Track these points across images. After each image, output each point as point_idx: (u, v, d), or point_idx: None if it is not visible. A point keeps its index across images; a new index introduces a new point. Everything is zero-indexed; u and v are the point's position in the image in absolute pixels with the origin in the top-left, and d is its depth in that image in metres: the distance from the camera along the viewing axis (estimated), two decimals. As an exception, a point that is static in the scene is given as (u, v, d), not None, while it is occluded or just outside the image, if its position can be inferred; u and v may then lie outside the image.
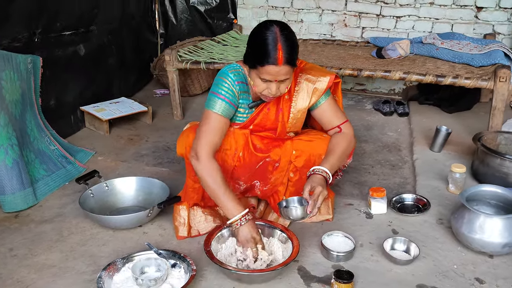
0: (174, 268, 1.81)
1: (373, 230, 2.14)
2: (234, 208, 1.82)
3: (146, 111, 3.45)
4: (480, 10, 3.92)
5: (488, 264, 1.90)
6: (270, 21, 1.79)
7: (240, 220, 1.80)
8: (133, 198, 2.35)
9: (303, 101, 1.98)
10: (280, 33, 1.72)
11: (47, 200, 2.39)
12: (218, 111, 1.88)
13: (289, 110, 2.00)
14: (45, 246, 2.01)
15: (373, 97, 4.22)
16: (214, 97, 1.90)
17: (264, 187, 2.11)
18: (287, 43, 1.72)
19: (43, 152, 2.59)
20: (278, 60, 1.71)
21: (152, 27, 4.43)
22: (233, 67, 1.94)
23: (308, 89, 1.96)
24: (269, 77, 1.76)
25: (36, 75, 2.70)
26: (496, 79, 2.73)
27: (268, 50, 1.70)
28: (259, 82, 1.81)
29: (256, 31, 1.79)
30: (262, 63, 1.73)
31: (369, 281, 1.80)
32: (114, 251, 1.97)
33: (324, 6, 4.22)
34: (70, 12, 3.05)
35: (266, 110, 2.00)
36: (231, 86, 1.89)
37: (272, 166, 2.06)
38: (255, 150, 2.03)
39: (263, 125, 2.04)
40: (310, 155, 2.02)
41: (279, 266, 1.73)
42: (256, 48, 1.76)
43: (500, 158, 2.35)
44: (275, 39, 1.71)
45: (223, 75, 1.91)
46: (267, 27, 1.75)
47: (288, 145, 2.04)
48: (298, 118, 2.03)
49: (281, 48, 1.70)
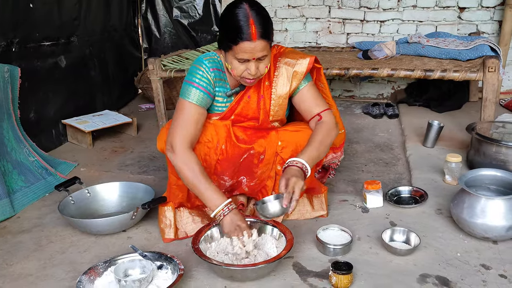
0: (161, 269, 1.69)
1: (370, 224, 2.03)
2: (215, 198, 1.72)
3: (131, 123, 3.36)
4: (463, 10, 3.93)
5: (493, 250, 1.80)
6: (238, 0, 1.71)
7: (223, 210, 1.71)
8: (117, 204, 2.23)
9: (284, 86, 1.88)
10: (250, 8, 1.65)
11: (26, 211, 2.26)
12: (193, 100, 1.79)
13: (270, 96, 1.90)
14: (21, 256, 1.87)
15: (361, 102, 4.18)
16: (189, 86, 1.81)
17: (251, 182, 2.00)
18: (258, 16, 1.66)
19: (21, 163, 2.48)
20: (252, 35, 1.64)
21: (135, 41, 4.39)
22: (208, 54, 1.87)
23: (288, 73, 1.87)
24: (246, 56, 1.67)
25: (14, 85, 2.61)
26: (485, 69, 2.69)
27: (241, 26, 1.63)
28: (236, 64, 1.72)
29: (225, 11, 1.72)
30: (235, 41, 1.65)
31: (370, 273, 1.69)
32: (96, 257, 1.84)
33: (308, 14, 4.21)
34: (50, 22, 2.99)
35: (246, 98, 1.90)
36: (205, 73, 1.81)
37: (257, 158, 1.95)
38: (238, 141, 1.93)
39: (245, 115, 1.94)
40: (297, 146, 1.90)
41: (274, 259, 1.61)
42: (228, 28, 1.68)
43: (496, 145, 2.29)
44: (246, 14, 1.64)
45: (197, 63, 1.84)
46: (235, 5, 1.68)
47: (273, 135, 1.94)
48: (280, 104, 1.92)
49: (253, 23, 1.63)
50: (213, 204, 1.72)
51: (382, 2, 4.04)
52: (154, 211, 2.07)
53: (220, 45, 1.78)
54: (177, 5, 4.40)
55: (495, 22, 3.89)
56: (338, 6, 4.15)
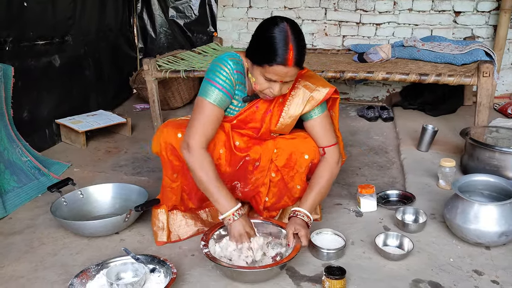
0: (153, 273, 1.68)
1: (364, 228, 2.04)
2: (226, 202, 1.71)
3: (125, 123, 3.34)
4: (458, 14, 3.95)
5: (485, 255, 1.81)
6: (279, 17, 1.63)
7: (233, 215, 1.71)
8: (110, 206, 2.21)
9: (297, 107, 1.82)
10: (291, 31, 1.58)
11: (18, 212, 2.24)
12: (214, 101, 1.73)
13: (279, 114, 1.85)
14: (12, 258, 1.86)
15: (356, 105, 4.18)
16: (210, 85, 1.74)
17: (245, 188, 1.99)
18: (298, 43, 1.59)
19: (14, 163, 2.45)
20: (288, 61, 1.57)
21: (131, 41, 4.37)
22: (232, 55, 1.77)
23: (305, 96, 1.80)
24: (276, 78, 1.62)
25: (7, 84, 2.58)
26: (479, 74, 2.70)
27: (279, 49, 1.56)
28: (262, 80, 1.66)
29: (265, 26, 1.63)
30: (270, 62, 1.58)
31: (363, 278, 1.69)
32: (88, 260, 1.83)
33: (304, 16, 4.22)
34: (44, 21, 2.97)
35: (254, 108, 1.85)
36: (229, 74, 1.74)
37: (253, 165, 1.93)
38: (235, 148, 1.90)
39: (247, 122, 1.90)
40: (292, 154, 1.88)
41: (286, 260, 1.64)
42: (264, 45, 1.60)
43: (490, 151, 2.29)
44: (286, 37, 1.57)
45: (221, 61, 1.75)
46: (276, 23, 1.60)
47: (270, 143, 1.92)
48: (288, 124, 1.87)
49: (292, 49, 1.57)
50: (223, 208, 1.71)
51: (378, 5, 4.05)
52: (147, 213, 2.06)
53: (249, 56, 1.69)
54: (173, 5, 4.39)
55: (490, 27, 3.91)
56: (334, 9, 4.15)
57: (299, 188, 1.93)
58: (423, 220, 2.01)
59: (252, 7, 4.31)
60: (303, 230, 1.73)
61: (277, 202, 2.00)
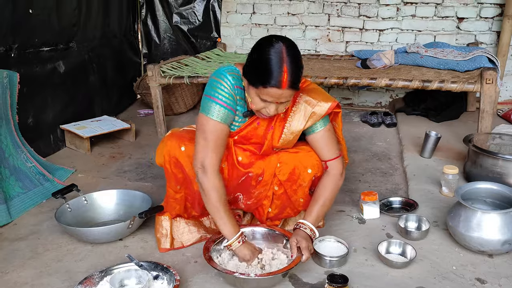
0: (157, 280, 1.69)
1: (367, 235, 2.04)
2: (230, 232, 1.73)
3: (129, 129, 3.36)
4: (461, 20, 3.95)
5: (488, 264, 1.81)
6: (276, 36, 1.60)
7: (236, 242, 1.73)
8: (114, 212, 2.23)
9: (299, 123, 1.80)
10: (286, 53, 1.55)
11: (22, 218, 2.25)
12: (217, 118, 1.71)
13: (281, 130, 1.83)
14: (17, 264, 1.87)
15: (360, 111, 4.19)
16: (211, 102, 1.71)
17: (248, 201, 1.99)
18: (293, 65, 1.56)
19: (19, 169, 2.47)
20: (282, 84, 1.55)
21: (135, 46, 4.40)
22: (230, 69, 1.74)
23: (306, 112, 1.78)
24: (271, 99, 1.60)
25: (12, 91, 2.61)
26: (482, 81, 2.70)
27: (273, 72, 1.54)
28: (257, 100, 1.64)
29: (260, 46, 1.61)
30: (264, 84, 1.56)
31: (366, 286, 1.69)
32: (92, 266, 1.84)
33: (307, 22, 4.23)
34: (49, 28, 2.99)
35: (255, 124, 1.83)
36: (229, 90, 1.71)
37: (256, 180, 1.93)
38: (237, 163, 1.90)
39: (248, 138, 1.88)
40: (295, 168, 1.87)
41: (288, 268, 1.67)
42: (258, 66, 1.58)
43: (493, 158, 2.29)
44: (281, 59, 1.54)
45: (219, 77, 1.72)
46: (272, 43, 1.57)
47: (273, 157, 1.90)
48: (290, 140, 1.85)
49: (286, 71, 1.54)
50: (226, 235, 1.73)
51: (381, 11, 4.07)
52: (151, 220, 2.07)
53: (246, 76, 1.66)
54: (177, 11, 4.41)
55: (493, 33, 3.91)
56: (337, 15, 4.16)
57: (302, 201, 1.94)
58: (426, 227, 2.01)
59: (256, 13, 4.33)
60: (304, 243, 1.73)
61: (280, 213, 2.01)
